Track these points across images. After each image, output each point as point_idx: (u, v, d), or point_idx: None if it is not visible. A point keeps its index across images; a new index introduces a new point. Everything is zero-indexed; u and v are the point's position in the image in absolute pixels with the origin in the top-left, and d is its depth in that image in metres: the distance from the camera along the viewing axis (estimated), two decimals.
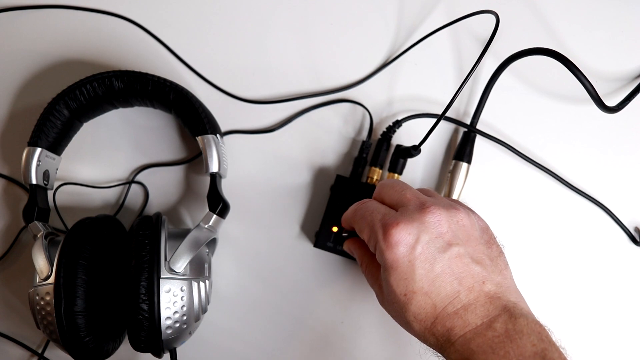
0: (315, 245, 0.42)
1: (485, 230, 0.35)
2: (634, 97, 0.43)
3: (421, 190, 0.37)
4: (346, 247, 0.41)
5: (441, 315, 0.32)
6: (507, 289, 0.33)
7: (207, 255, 0.39)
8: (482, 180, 0.45)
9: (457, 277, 0.32)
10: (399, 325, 0.35)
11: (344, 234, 0.41)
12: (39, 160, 0.39)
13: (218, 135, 0.40)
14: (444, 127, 0.45)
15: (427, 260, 0.32)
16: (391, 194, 0.36)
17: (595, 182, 0.45)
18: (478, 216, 0.36)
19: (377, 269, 0.35)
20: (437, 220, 0.33)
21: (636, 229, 0.45)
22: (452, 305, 0.32)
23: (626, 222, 0.45)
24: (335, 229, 0.42)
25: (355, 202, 0.38)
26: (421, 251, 0.32)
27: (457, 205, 0.35)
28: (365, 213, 0.36)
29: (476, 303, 0.31)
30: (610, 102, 0.41)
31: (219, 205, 0.38)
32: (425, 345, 0.33)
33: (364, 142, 0.43)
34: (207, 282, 0.37)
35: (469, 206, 0.37)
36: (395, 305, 0.33)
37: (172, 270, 0.35)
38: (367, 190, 0.42)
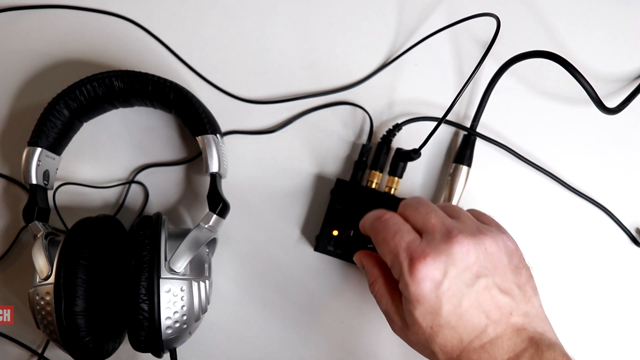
0: (316, 249, 0.42)
1: (514, 253, 0.34)
2: (634, 98, 0.43)
3: (445, 209, 0.36)
4: (357, 259, 0.39)
5: (467, 349, 0.31)
6: (534, 318, 0.32)
7: (207, 255, 0.39)
8: (483, 183, 0.45)
9: (485, 311, 0.32)
10: None
11: (345, 236, 0.41)
12: (39, 160, 0.39)
13: (218, 135, 0.40)
14: (444, 130, 0.45)
15: (455, 295, 0.31)
16: (415, 217, 0.35)
17: (596, 183, 0.45)
18: (507, 236, 0.35)
19: (395, 293, 0.34)
20: (465, 250, 0.32)
21: (637, 230, 0.45)
22: (478, 340, 0.31)
23: (627, 224, 0.45)
24: (335, 232, 0.42)
25: (375, 211, 0.36)
26: (449, 286, 0.31)
27: (484, 227, 0.34)
28: (388, 236, 0.34)
29: (503, 336, 0.31)
30: (611, 103, 0.41)
31: (219, 205, 0.38)
32: None
33: (364, 145, 0.43)
34: (207, 282, 0.37)
35: (497, 221, 0.36)
36: (419, 336, 0.33)
37: (172, 270, 0.35)
38: (367, 193, 0.42)
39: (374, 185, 0.43)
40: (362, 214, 0.38)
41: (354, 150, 0.45)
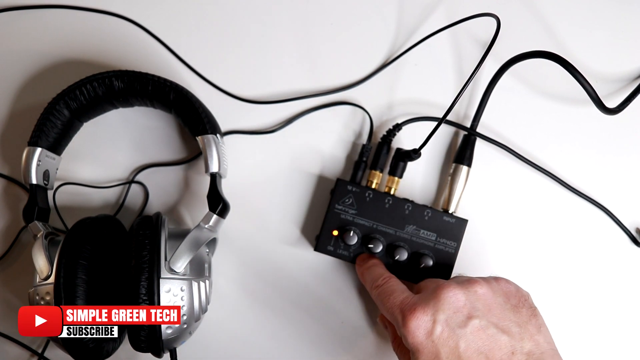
0: (316, 249, 0.42)
1: (512, 294, 0.35)
2: (634, 98, 0.43)
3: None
4: (380, 320, 0.41)
5: None
6: (539, 357, 0.32)
7: (207, 255, 0.39)
8: (483, 184, 0.45)
9: (483, 352, 0.32)
10: None
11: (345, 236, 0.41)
12: (39, 160, 0.39)
13: (218, 135, 0.40)
14: (444, 131, 0.45)
15: (450, 338, 0.32)
16: (417, 285, 0.39)
17: (596, 183, 0.45)
18: (504, 281, 0.36)
19: (407, 350, 0.35)
20: (452, 294, 0.33)
21: (637, 230, 0.45)
22: None
23: (627, 224, 0.45)
24: (335, 232, 0.42)
25: (371, 274, 0.39)
26: (441, 330, 0.32)
27: (476, 277, 0.35)
28: (384, 299, 0.36)
29: None
30: (611, 103, 0.41)
31: (219, 205, 0.38)
32: None
33: (364, 145, 0.43)
34: (207, 282, 0.37)
35: (497, 275, 0.37)
36: None
37: (172, 270, 0.35)
38: (368, 193, 0.42)
39: (374, 185, 0.43)
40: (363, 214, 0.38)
41: (354, 150, 0.45)
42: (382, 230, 0.41)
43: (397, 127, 0.43)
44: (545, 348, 0.33)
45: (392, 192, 0.42)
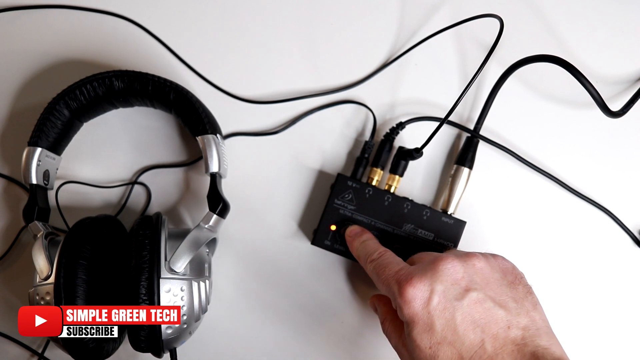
0: (313, 242, 0.42)
1: (509, 271, 0.35)
2: (637, 101, 0.43)
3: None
4: (371, 303, 0.41)
5: None
6: (535, 332, 0.32)
7: (207, 255, 0.39)
8: (484, 185, 0.45)
9: (479, 325, 0.32)
10: None
11: (343, 231, 0.41)
12: (39, 160, 0.39)
13: (218, 135, 0.40)
14: (447, 132, 0.45)
15: (446, 309, 0.32)
16: (414, 256, 0.38)
17: (598, 186, 0.45)
18: (501, 258, 0.36)
19: (402, 326, 0.35)
20: (451, 266, 0.33)
21: None
22: (478, 355, 0.31)
23: (630, 226, 0.45)
24: (333, 227, 0.42)
25: (365, 247, 0.38)
26: (438, 301, 0.32)
27: (474, 252, 0.35)
28: (380, 271, 0.36)
29: (503, 352, 0.31)
30: (612, 105, 0.41)
31: (219, 205, 0.38)
32: None
33: (366, 142, 0.43)
34: (207, 282, 0.37)
35: (493, 252, 0.37)
36: None
37: (172, 270, 0.35)
38: (368, 189, 0.42)
39: (374, 182, 0.43)
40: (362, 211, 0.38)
41: (355, 147, 0.45)
42: (379, 227, 0.41)
43: (401, 125, 0.43)
44: (540, 325, 0.33)
45: (392, 190, 0.42)
